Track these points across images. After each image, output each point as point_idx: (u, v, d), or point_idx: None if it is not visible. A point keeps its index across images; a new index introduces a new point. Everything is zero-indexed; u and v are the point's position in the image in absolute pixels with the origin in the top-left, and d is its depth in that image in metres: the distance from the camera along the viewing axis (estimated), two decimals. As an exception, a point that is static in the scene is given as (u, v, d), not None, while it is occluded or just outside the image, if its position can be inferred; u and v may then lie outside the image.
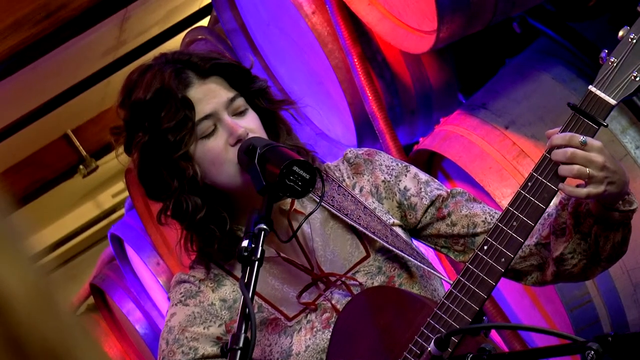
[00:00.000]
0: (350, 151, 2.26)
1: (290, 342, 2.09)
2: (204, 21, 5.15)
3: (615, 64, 2.00)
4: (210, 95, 2.08)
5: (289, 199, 2.13)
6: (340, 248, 2.16)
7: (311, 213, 2.10)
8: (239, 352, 1.85)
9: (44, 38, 3.95)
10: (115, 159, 2.19)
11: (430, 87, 3.64)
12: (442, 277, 2.19)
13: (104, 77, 5.23)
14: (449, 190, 2.21)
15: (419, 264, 2.11)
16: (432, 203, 2.19)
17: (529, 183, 2.00)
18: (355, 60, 3.39)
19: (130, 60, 5.11)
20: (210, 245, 2.11)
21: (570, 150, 1.96)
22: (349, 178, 2.22)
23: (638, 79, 1.99)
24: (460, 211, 2.18)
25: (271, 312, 2.12)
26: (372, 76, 3.45)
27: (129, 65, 5.09)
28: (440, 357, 1.87)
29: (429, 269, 2.13)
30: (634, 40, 2.00)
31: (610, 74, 2.00)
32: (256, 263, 1.90)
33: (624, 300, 3.07)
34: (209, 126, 2.07)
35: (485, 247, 2.01)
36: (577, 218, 2.04)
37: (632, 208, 2.02)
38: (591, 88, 2.00)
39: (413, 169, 2.23)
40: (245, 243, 1.91)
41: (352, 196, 2.18)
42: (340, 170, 2.23)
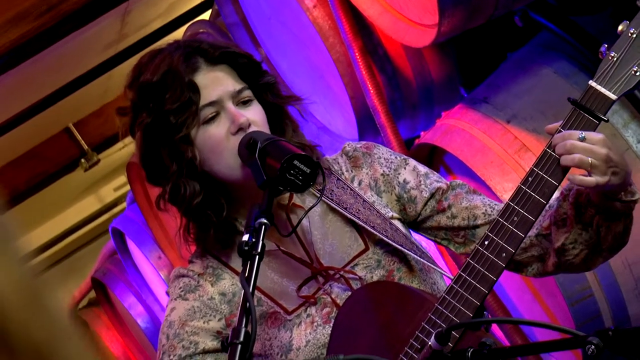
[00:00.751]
0: (348, 144, 2.25)
1: (290, 337, 2.09)
2: (205, 14, 5.15)
3: (615, 59, 1.99)
4: (217, 82, 2.08)
5: (288, 193, 2.13)
6: (339, 241, 2.15)
7: (312, 207, 2.10)
8: (240, 346, 1.85)
9: (46, 32, 3.94)
10: (117, 153, 2.19)
11: (432, 81, 3.63)
12: (441, 271, 2.19)
13: (105, 71, 5.23)
14: (449, 183, 2.21)
15: (418, 257, 2.11)
16: (432, 196, 2.19)
17: (530, 178, 2.00)
18: (357, 54, 3.38)
19: (132, 53, 5.11)
20: (206, 230, 2.11)
21: (569, 141, 1.97)
22: (347, 171, 2.21)
23: (638, 73, 1.99)
24: (461, 203, 2.18)
25: (270, 306, 2.12)
26: (374, 70, 3.45)
27: (130, 58, 5.08)
28: (441, 352, 1.87)
29: (428, 263, 2.13)
30: (634, 35, 1.99)
31: (611, 69, 1.99)
32: (257, 257, 1.90)
33: (626, 294, 3.06)
34: (212, 112, 2.07)
35: (486, 242, 2.00)
36: (579, 208, 2.04)
37: (635, 199, 2.03)
38: (591, 83, 2.00)
39: (412, 162, 2.23)
40: (246, 237, 1.91)
41: (351, 189, 2.18)
42: (338, 163, 2.23)
